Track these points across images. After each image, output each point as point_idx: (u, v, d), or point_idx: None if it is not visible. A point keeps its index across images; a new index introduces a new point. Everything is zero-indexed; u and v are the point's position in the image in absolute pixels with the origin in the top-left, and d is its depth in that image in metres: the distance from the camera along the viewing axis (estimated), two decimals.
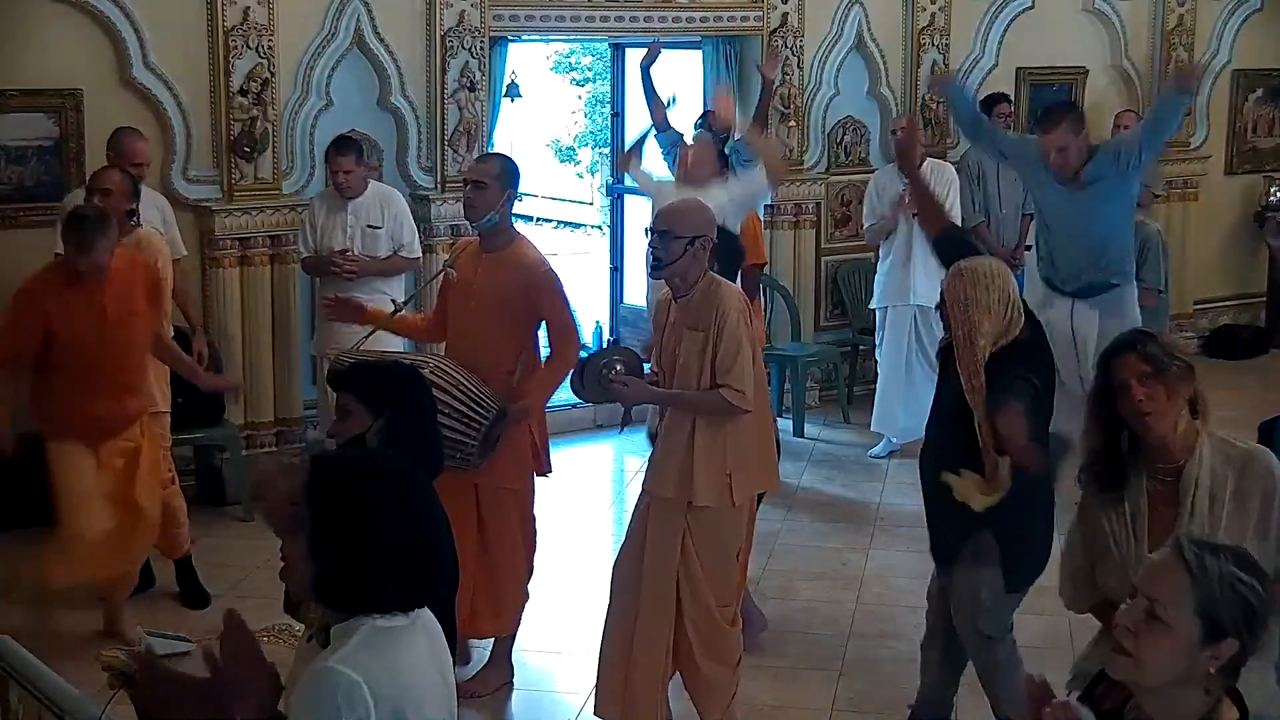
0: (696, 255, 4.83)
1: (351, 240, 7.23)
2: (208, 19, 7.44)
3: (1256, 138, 11.34)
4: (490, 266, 5.46)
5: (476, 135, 8.17)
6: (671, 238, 4.82)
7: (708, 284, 4.87)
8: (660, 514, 4.94)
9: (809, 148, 9.40)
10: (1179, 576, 2.49)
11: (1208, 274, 11.02)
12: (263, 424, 7.77)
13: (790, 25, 9.13)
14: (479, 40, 8.13)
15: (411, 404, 4.06)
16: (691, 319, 4.84)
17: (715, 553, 4.95)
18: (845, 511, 7.72)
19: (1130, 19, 10.46)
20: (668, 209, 5.05)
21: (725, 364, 4.76)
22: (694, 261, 4.83)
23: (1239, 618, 2.47)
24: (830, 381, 9.54)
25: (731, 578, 5.08)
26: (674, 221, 4.88)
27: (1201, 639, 2.46)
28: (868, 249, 9.76)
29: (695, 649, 4.99)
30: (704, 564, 4.92)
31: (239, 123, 7.51)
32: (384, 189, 7.49)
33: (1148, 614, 2.50)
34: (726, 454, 4.85)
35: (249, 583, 6.58)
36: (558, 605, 6.36)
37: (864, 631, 6.20)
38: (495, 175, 5.43)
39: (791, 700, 5.60)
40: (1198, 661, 2.47)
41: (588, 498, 7.92)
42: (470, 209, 5.49)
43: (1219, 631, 2.46)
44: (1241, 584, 2.48)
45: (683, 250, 4.80)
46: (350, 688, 2.48)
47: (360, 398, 3.94)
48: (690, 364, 4.82)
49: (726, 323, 4.75)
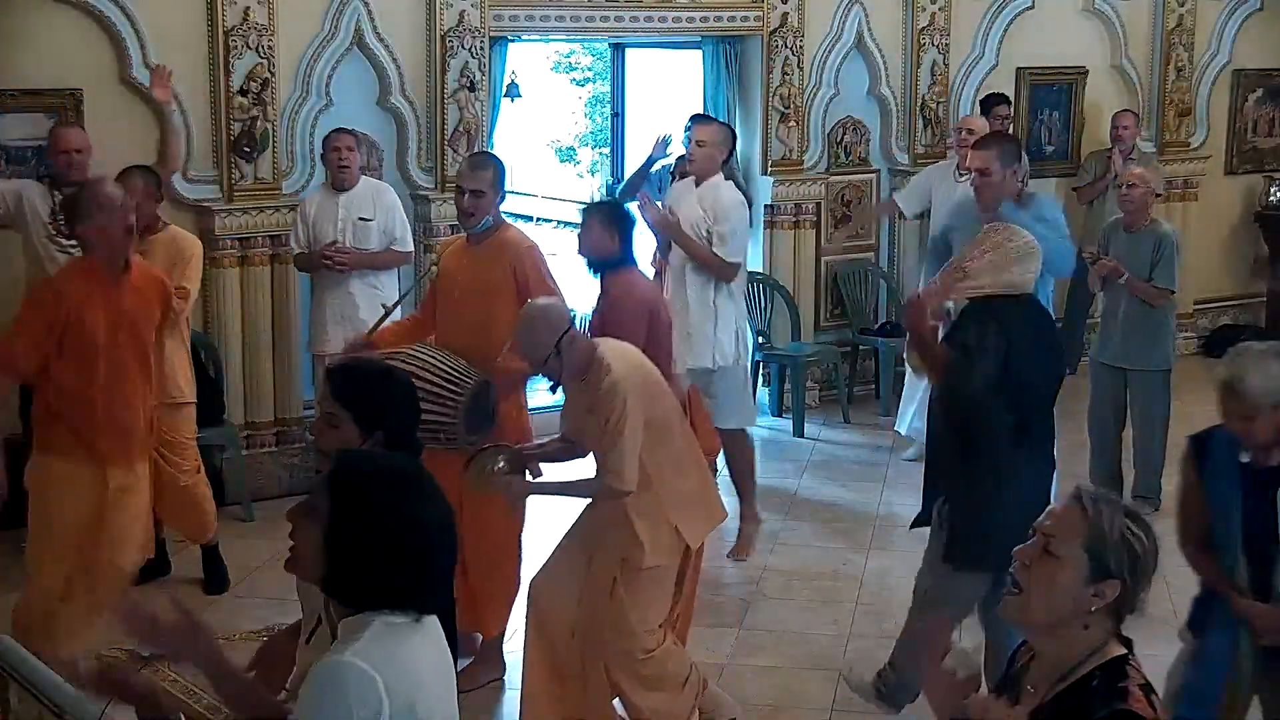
0: (566, 351, 4.68)
1: (342, 233, 7.26)
2: (208, 19, 7.44)
3: (1256, 138, 11.33)
4: (476, 256, 5.54)
5: (476, 135, 8.16)
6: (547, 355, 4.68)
7: (596, 369, 4.73)
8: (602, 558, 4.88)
9: (809, 148, 9.40)
10: (1074, 515, 2.70)
11: (1208, 274, 11.01)
12: (262, 424, 7.77)
13: (790, 25, 9.13)
14: (479, 40, 8.13)
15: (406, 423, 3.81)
16: (588, 402, 4.76)
17: (652, 592, 4.86)
18: (845, 511, 7.72)
19: (1130, 19, 10.45)
20: (518, 338, 4.82)
21: (604, 450, 4.73)
22: (571, 355, 4.69)
23: (1123, 560, 2.66)
24: (830, 381, 9.54)
25: (659, 604, 4.92)
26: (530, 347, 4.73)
27: (1088, 575, 2.65)
28: (867, 249, 9.80)
29: (625, 687, 4.91)
30: (633, 606, 4.82)
31: (239, 123, 7.51)
32: (376, 183, 7.54)
33: (1043, 549, 2.70)
34: (665, 507, 4.80)
35: (249, 583, 6.58)
36: None
37: (864, 631, 6.21)
38: (492, 183, 5.53)
39: (791, 700, 5.60)
40: (1083, 597, 2.66)
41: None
42: (469, 216, 5.55)
43: (1104, 569, 2.65)
44: (1130, 531, 2.68)
45: (558, 354, 4.68)
46: (365, 681, 2.49)
47: (353, 414, 3.67)
48: (593, 444, 4.82)
49: (610, 409, 4.66)
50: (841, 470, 8.37)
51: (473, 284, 5.50)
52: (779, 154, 9.25)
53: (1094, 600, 2.66)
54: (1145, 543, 2.69)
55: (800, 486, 8.09)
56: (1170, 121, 10.66)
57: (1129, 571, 2.67)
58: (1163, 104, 10.64)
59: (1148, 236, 7.32)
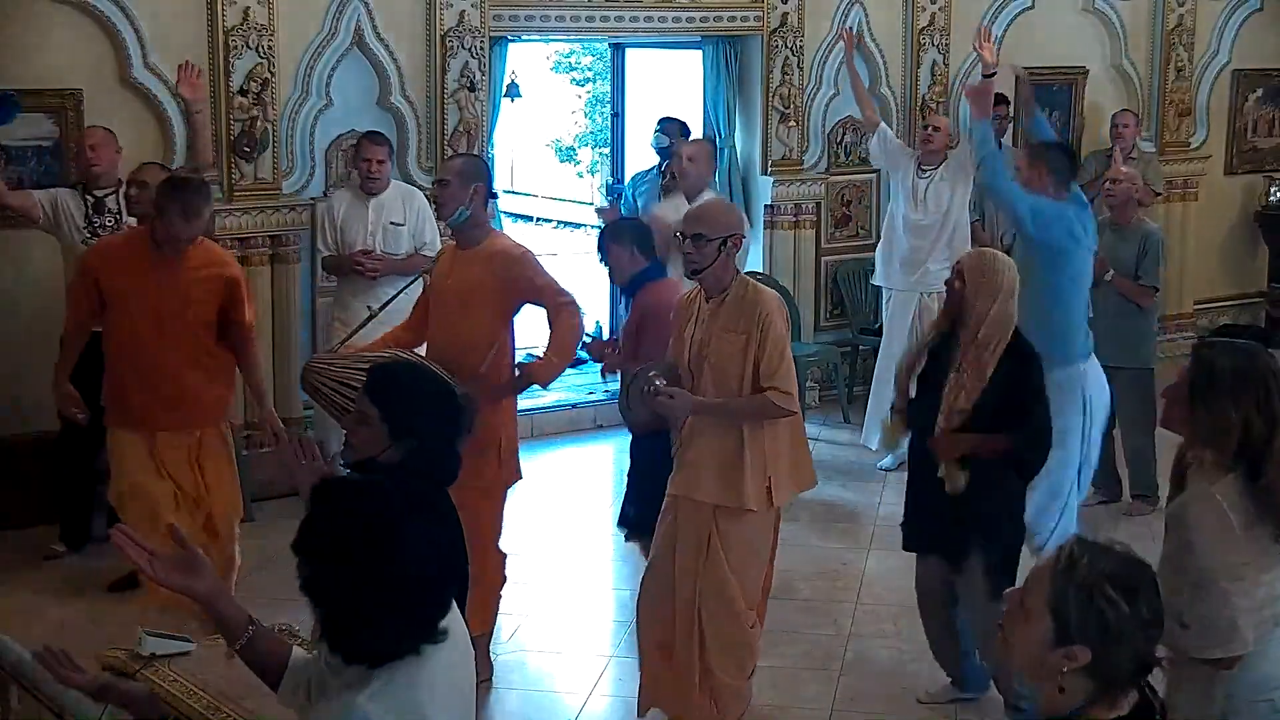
0: (729, 255, 4.82)
1: (373, 237, 7.28)
2: (208, 19, 7.44)
3: (1256, 138, 11.33)
4: (466, 262, 5.50)
5: (476, 135, 8.17)
6: (704, 240, 4.79)
7: (742, 285, 4.86)
8: (691, 516, 4.91)
9: (809, 148, 9.40)
10: (1047, 569, 2.45)
11: (1208, 274, 11.02)
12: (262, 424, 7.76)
13: (790, 25, 9.13)
14: (479, 40, 8.13)
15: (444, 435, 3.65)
16: (727, 320, 4.81)
17: (746, 554, 4.94)
18: (845, 512, 7.72)
19: (1130, 19, 10.45)
20: (695, 212, 5.03)
21: (771, 366, 4.74)
22: (727, 261, 4.82)
23: (1090, 627, 2.38)
24: (830, 381, 9.54)
25: (759, 580, 5.08)
26: (704, 224, 4.85)
27: (1053, 638, 2.40)
28: (868, 249, 9.78)
29: (712, 655, 4.96)
30: (733, 566, 4.89)
31: (239, 123, 7.51)
32: (406, 186, 7.58)
33: (1019, 600, 2.48)
34: (767, 458, 4.84)
35: (249, 583, 6.58)
36: (558, 605, 6.36)
37: (864, 631, 6.20)
38: (458, 171, 5.52)
39: (791, 700, 5.60)
40: (1051, 659, 2.41)
41: (588, 498, 7.91)
42: (440, 206, 5.59)
43: (1067, 634, 2.39)
44: (1101, 595, 2.38)
45: (716, 252, 4.79)
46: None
47: (383, 414, 3.55)
48: (727, 366, 4.79)
49: (771, 325, 4.74)
50: (841, 470, 8.36)
51: (461, 291, 5.46)
52: (779, 154, 9.25)
53: (1064, 662, 2.40)
54: (1123, 610, 2.38)
55: None
56: (1170, 121, 10.65)
57: (1097, 639, 2.38)
58: (1163, 104, 10.63)
59: (1134, 235, 7.35)
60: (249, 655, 2.80)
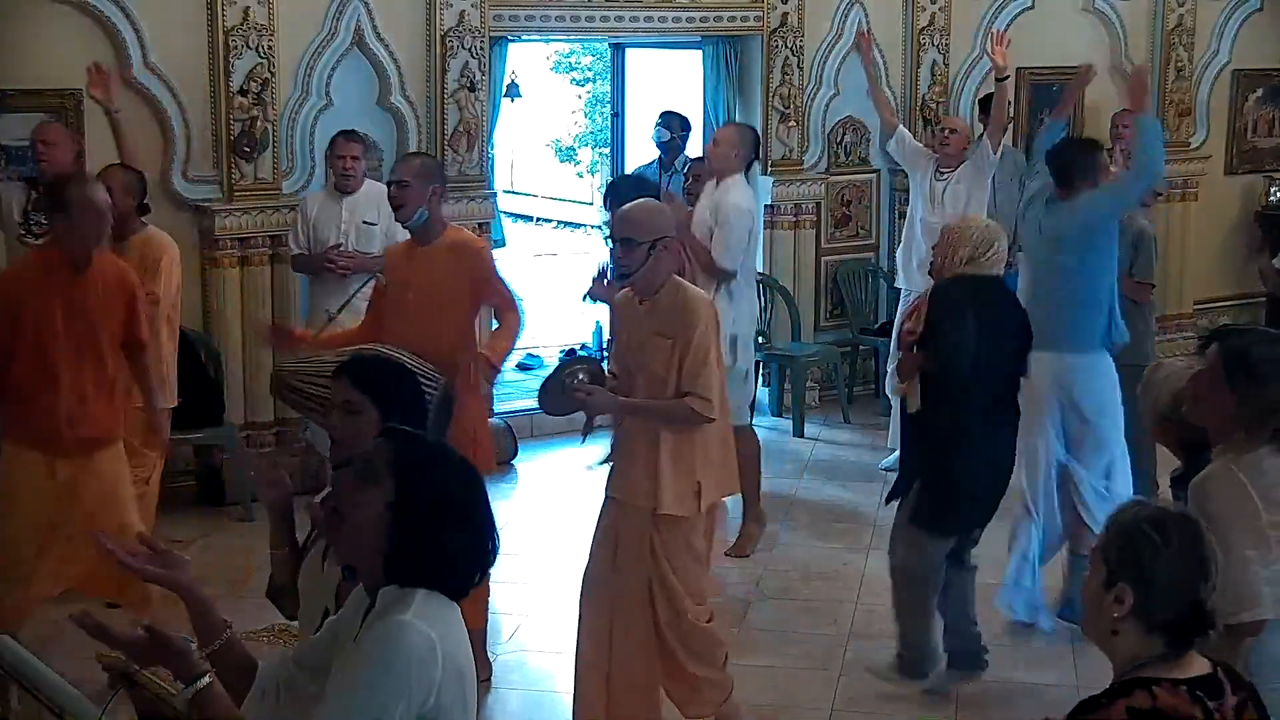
0: (659, 258, 4.74)
1: (345, 236, 7.25)
2: (208, 19, 7.44)
3: (1256, 138, 11.33)
4: (425, 260, 5.50)
5: (476, 135, 8.17)
6: (634, 244, 4.73)
7: (674, 289, 4.79)
8: (629, 519, 4.90)
9: (809, 148, 9.40)
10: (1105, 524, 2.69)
11: (1208, 274, 11.01)
12: (262, 424, 7.77)
13: (790, 25, 9.13)
14: (479, 40, 8.13)
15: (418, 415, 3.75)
16: (658, 324, 4.77)
17: (685, 555, 4.94)
18: (845, 512, 7.72)
19: (1130, 19, 10.45)
20: (623, 214, 4.90)
21: (693, 372, 4.70)
22: (657, 264, 4.74)
23: (1128, 565, 2.57)
24: (830, 381, 9.53)
25: (701, 577, 5.08)
26: (632, 227, 4.77)
27: (1104, 580, 2.61)
28: (868, 249, 9.80)
29: (679, 653, 4.96)
30: (675, 568, 4.89)
31: (239, 123, 7.51)
32: (380, 186, 7.49)
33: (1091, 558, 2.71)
34: (695, 462, 4.82)
35: (249, 583, 6.57)
36: (557, 605, 6.35)
37: (864, 632, 6.20)
38: (416, 173, 5.51)
39: (791, 700, 5.60)
40: (1105, 605, 2.60)
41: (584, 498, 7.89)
42: (399, 208, 5.54)
43: (1114, 577, 2.59)
44: (1139, 533, 2.59)
45: (646, 255, 4.72)
46: (425, 643, 2.52)
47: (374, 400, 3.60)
48: (657, 370, 4.76)
49: (695, 331, 4.70)
50: (841, 470, 8.36)
51: (426, 285, 5.44)
52: (779, 154, 9.25)
53: (1114, 606, 2.59)
54: (1155, 545, 2.57)
55: (800, 487, 8.09)
56: (1170, 121, 10.63)
57: (1135, 577, 2.57)
58: (1163, 104, 10.62)
59: (1127, 232, 7.34)
60: (220, 660, 2.81)
